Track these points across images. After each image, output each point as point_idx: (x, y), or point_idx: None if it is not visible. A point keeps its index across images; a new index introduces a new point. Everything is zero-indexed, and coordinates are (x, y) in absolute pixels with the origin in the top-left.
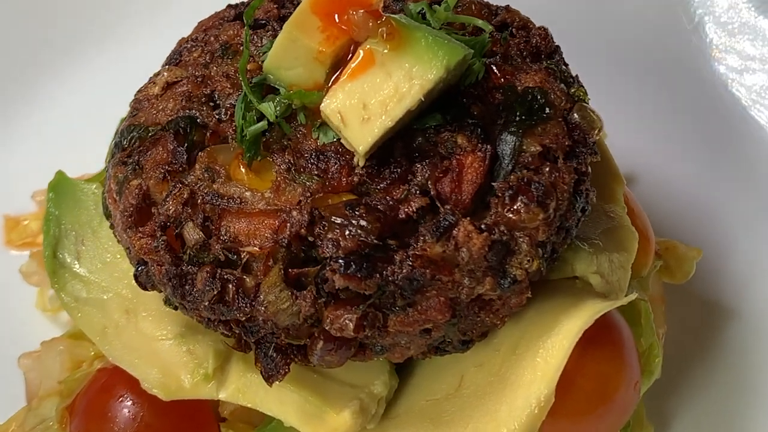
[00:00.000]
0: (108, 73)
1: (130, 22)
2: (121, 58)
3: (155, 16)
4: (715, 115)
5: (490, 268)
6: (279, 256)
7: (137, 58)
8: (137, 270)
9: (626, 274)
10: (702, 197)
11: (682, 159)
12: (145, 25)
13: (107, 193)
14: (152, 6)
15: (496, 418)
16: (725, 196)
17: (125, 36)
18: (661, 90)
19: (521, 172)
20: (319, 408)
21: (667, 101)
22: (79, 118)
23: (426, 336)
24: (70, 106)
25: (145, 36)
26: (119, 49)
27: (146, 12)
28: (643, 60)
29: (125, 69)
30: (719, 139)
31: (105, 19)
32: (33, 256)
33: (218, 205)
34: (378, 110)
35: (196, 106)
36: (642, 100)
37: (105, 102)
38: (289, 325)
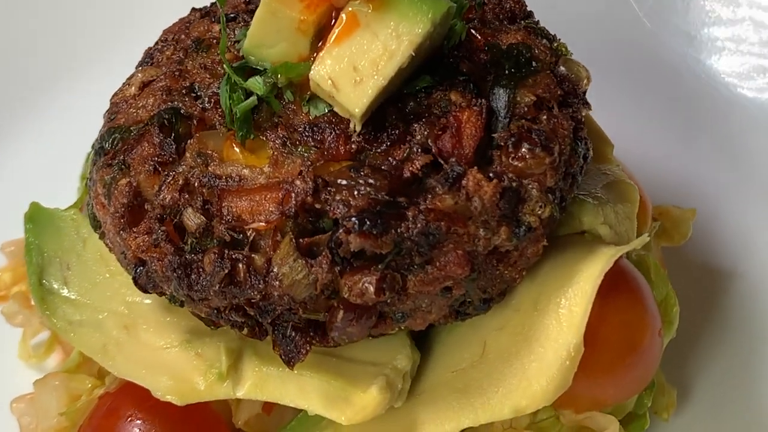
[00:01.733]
0: (65, 118)
1: (103, 58)
2: (75, 101)
3: (128, 51)
4: (684, 92)
5: (503, 217)
6: (287, 229)
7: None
8: (135, 272)
9: (633, 224)
10: (683, 167)
11: (661, 137)
12: (117, 60)
13: (94, 200)
14: (127, 41)
15: (526, 377)
16: (706, 165)
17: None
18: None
19: (519, 122)
20: (343, 390)
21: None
22: (39, 168)
23: (447, 295)
24: (27, 156)
25: (116, 72)
26: (68, 99)
27: (120, 46)
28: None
29: (85, 108)
30: (692, 113)
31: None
32: (14, 297)
33: (216, 186)
34: (369, 71)
35: (178, 98)
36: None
37: (66, 147)
38: (306, 298)
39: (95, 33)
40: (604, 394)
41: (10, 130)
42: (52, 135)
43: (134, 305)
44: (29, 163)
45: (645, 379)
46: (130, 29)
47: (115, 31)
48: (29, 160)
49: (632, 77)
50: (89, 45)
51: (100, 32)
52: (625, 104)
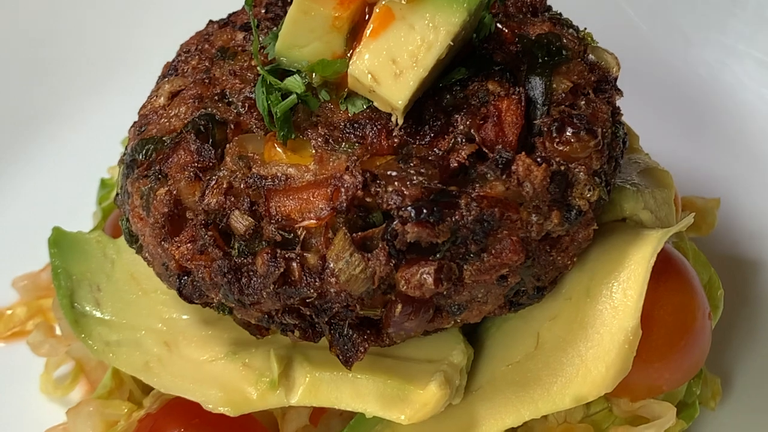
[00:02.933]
0: (67, 153)
1: (105, 85)
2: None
3: (131, 77)
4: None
5: (554, 202)
6: (338, 225)
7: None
8: (180, 283)
9: (671, 209)
10: (698, 160)
11: (670, 132)
12: (117, 88)
13: (131, 213)
14: (133, 64)
15: (585, 365)
16: (719, 156)
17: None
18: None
19: (559, 108)
20: (400, 389)
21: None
22: (47, 197)
23: (503, 284)
24: (33, 187)
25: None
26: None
27: (119, 74)
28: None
29: (92, 135)
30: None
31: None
32: (38, 327)
33: (263, 187)
34: (409, 62)
35: (211, 104)
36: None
37: (73, 174)
38: (363, 293)
39: (97, 61)
40: (660, 380)
41: (11, 160)
42: (57, 164)
43: (172, 322)
44: (35, 193)
45: (698, 363)
46: (134, 53)
47: (119, 56)
48: (35, 191)
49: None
50: (92, 72)
51: (102, 60)
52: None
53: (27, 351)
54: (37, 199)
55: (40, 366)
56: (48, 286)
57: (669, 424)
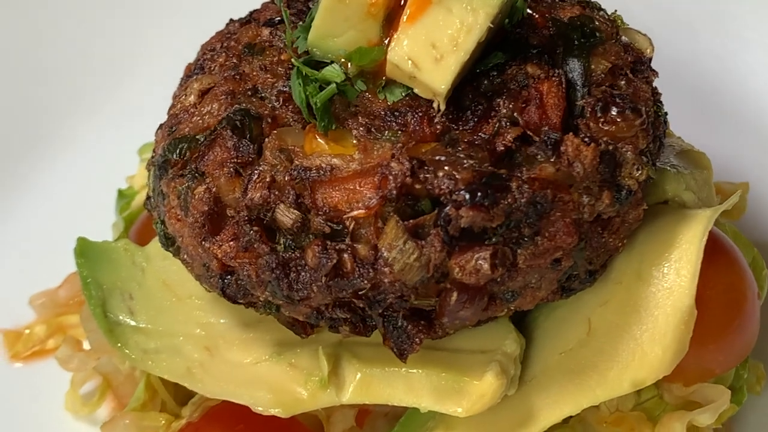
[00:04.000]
0: (79, 166)
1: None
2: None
3: (136, 91)
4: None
5: (604, 182)
6: (386, 214)
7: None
8: (223, 283)
9: (711, 189)
10: (710, 150)
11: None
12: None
13: (167, 215)
14: (140, 73)
15: (641, 348)
16: (732, 146)
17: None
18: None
19: (599, 89)
20: (456, 381)
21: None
22: (58, 217)
23: (557, 268)
24: (43, 207)
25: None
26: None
27: (133, 81)
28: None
29: (102, 147)
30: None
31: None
32: (66, 342)
33: (307, 179)
34: (449, 46)
35: (244, 100)
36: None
37: (81, 199)
38: (417, 282)
39: (104, 74)
40: (713, 362)
41: (21, 175)
42: (70, 177)
43: (210, 326)
44: (48, 208)
45: (750, 343)
46: (142, 63)
47: (126, 67)
48: (48, 206)
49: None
50: (101, 84)
51: (109, 72)
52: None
53: (48, 370)
54: (51, 213)
55: (63, 384)
56: (66, 303)
57: (724, 407)
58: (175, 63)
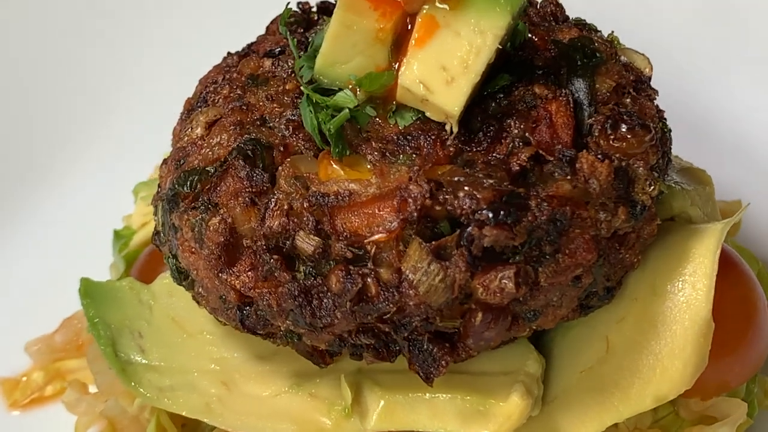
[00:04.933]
0: (70, 210)
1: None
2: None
3: (122, 131)
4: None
5: (619, 198)
6: (407, 237)
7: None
8: (242, 314)
9: (715, 205)
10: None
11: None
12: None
13: (180, 248)
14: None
15: (661, 363)
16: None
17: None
18: None
19: (606, 107)
20: (480, 404)
21: None
22: (51, 261)
23: (577, 285)
24: (34, 252)
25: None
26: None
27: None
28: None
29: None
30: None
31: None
32: (71, 385)
33: (326, 204)
34: (459, 69)
35: (253, 129)
36: None
37: (74, 248)
38: (442, 304)
39: (89, 115)
40: (729, 375)
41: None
42: (62, 221)
43: (225, 361)
44: (40, 253)
45: (763, 355)
46: (128, 105)
47: (108, 110)
48: (40, 250)
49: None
50: (85, 126)
51: (93, 113)
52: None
53: (48, 417)
54: (43, 257)
55: (64, 431)
56: (63, 348)
57: (742, 420)
58: (162, 101)
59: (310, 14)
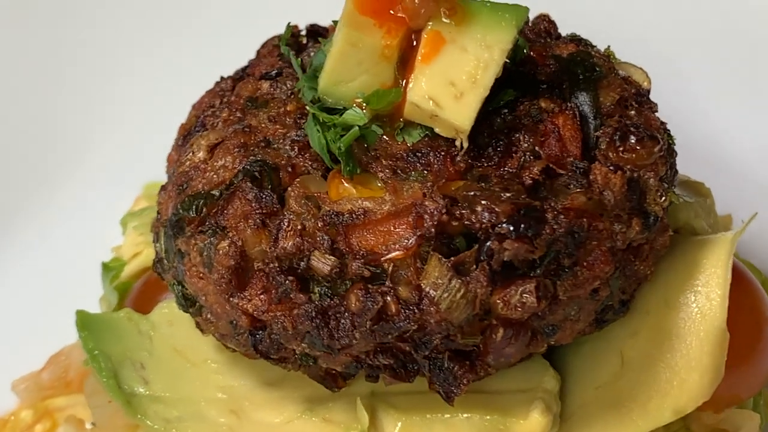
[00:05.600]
0: (51, 245)
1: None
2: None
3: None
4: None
5: (632, 210)
6: (425, 253)
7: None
8: (254, 339)
9: (717, 217)
10: None
11: None
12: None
13: (187, 273)
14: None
15: (678, 376)
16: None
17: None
18: None
19: (612, 119)
20: (500, 422)
21: None
22: (37, 299)
23: (595, 298)
24: (18, 289)
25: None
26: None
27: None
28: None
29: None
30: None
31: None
32: (67, 421)
33: (340, 223)
34: (468, 84)
35: (258, 151)
36: None
37: (58, 283)
38: (463, 321)
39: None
40: (742, 386)
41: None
42: (45, 257)
43: (232, 389)
44: (23, 290)
45: None
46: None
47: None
48: (23, 287)
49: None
50: (63, 161)
51: (72, 148)
52: None
53: None
54: (26, 293)
55: None
56: (51, 386)
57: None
58: (142, 130)
59: (299, 38)
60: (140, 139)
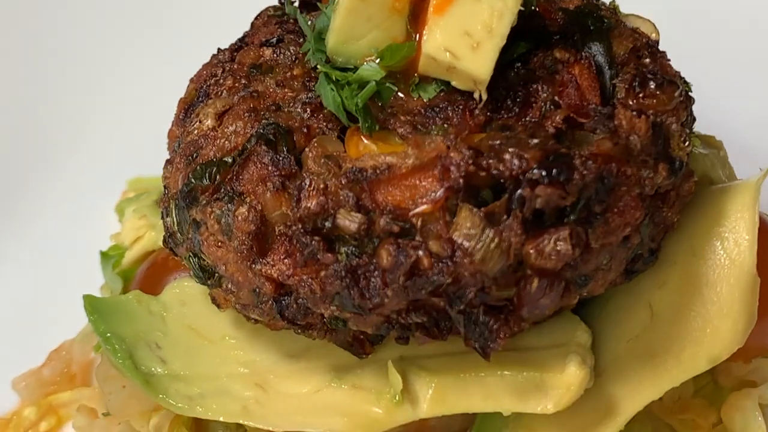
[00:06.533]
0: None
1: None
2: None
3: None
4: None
5: (658, 155)
6: (453, 206)
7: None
8: (280, 305)
9: (731, 168)
10: None
11: None
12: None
13: (205, 243)
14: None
15: (710, 324)
16: None
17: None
18: None
19: (628, 67)
20: (536, 377)
21: None
22: (33, 294)
23: (626, 245)
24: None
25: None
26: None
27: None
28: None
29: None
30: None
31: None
32: (79, 411)
33: (365, 179)
34: (483, 33)
35: (269, 115)
36: None
37: (53, 278)
38: (497, 272)
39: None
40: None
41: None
42: (42, 249)
43: (253, 363)
44: (18, 284)
45: None
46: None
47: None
48: (19, 281)
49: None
50: (52, 155)
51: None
52: None
53: None
54: (19, 291)
55: None
56: (53, 381)
57: None
58: (122, 130)
59: (290, 8)
60: (122, 136)
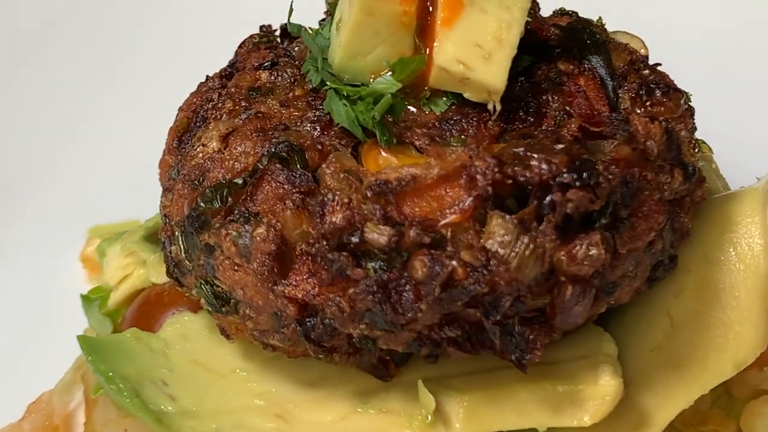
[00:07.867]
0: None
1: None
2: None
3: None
4: None
5: (672, 160)
6: (481, 216)
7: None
8: (306, 327)
9: (724, 180)
10: None
11: None
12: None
13: (220, 268)
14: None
15: (732, 329)
16: None
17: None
18: None
19: (632, 76)
20: (569, 390)
21: None
22: (9, 347)
23: (651, 251)
24: None
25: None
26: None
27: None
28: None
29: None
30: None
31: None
32: None
33: (390, 191)
34: (494, 44)
35: (278, 134)
36: None
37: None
38: (533, 279)
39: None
40: None
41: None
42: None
43: (269, 394)
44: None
45: None
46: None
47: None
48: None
49: None
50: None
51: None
52: None
53: None
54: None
55: None
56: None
57: None
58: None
59: (271, 37)
60: (81, 184)
